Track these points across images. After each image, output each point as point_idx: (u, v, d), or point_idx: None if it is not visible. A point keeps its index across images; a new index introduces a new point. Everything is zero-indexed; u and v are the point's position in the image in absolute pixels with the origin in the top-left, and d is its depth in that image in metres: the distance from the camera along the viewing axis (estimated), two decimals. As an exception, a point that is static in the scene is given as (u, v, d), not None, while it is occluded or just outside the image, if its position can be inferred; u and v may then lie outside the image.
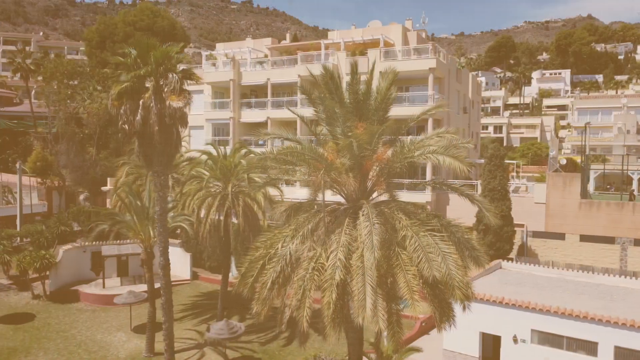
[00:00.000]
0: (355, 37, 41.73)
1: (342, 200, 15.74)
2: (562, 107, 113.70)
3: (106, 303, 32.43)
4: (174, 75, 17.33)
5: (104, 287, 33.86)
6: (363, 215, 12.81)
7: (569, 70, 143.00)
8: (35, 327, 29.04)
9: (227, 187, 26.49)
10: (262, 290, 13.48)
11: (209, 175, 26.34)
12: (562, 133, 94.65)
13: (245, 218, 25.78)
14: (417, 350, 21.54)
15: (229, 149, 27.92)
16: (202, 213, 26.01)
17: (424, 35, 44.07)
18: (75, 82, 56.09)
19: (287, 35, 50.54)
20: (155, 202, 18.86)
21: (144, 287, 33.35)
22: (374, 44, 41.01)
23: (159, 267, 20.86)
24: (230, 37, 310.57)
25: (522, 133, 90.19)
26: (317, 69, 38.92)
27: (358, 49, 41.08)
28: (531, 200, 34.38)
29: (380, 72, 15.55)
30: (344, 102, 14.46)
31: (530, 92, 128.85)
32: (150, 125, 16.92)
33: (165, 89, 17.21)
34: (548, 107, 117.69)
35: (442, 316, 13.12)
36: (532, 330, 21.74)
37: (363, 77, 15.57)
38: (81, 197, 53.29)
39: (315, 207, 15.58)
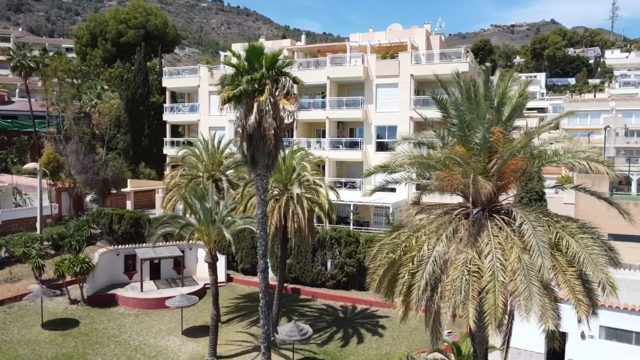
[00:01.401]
0: (381, 40, 42.22)
1: (460, 201, 16.25)
2: (542, 110, 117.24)
3: (147, 307, 31.96)
4: (287, 78, 17.38)
5: (141, 290, 33.29)
6: (520, 218, 13.27)
7: (544, 73, 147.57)
8: (83, 332, 28.38)
9: (285, 189, 26.58)
10: (413, 293, 13.72)
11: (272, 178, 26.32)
12: (545, 135, 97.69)
13: (309, 222, 25.92)
14: (495, 348, 22.15)
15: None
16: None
17: (442, 38, 44.96)
18: (78, 81, 54.70)
19: (303, 37, 50.57)
20: (257, 205, 18.81)
21: (181, 290, 33.12)
22: (399, 47, 41.63)
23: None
24: (202, 35, 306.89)
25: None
26: (345, 71, 39.16)
27: (382, 52, 41.55)
28: (560, 201, 35.63)
29: (501, 74, 15.85)
30: (480, 108, 14.83)
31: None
32: (264, 128, 16.92)
33: (277, 93, 17.23)
34: (528, 109, 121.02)
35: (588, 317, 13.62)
36: (600, 327, 22.65)
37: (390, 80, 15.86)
38: (87, 198, 52.07)
39: (442, 209, 15.97)
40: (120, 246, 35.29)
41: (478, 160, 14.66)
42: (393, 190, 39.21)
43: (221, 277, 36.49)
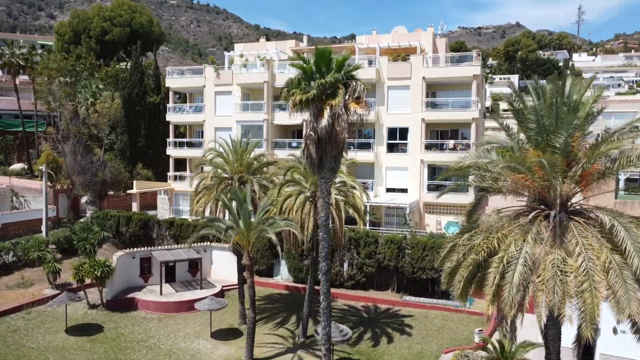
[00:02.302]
0: (388, 42, 42.69)
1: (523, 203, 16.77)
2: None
3: (169, 310, 31.54)
4: (357, 82, 17.53)
5: (161, 294, 32.80)
6: (609, 220, 13.84)
7: (517, 75, 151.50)
8: (110, 338, 27.80)
9: (315, 191, 26.70)
10: (505, 292, 14.09)
11: (305, 180, 26.42)
12: (521, 136, 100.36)
13: (341, 224, 26.10)
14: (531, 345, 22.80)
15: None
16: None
17: (446, 41, 45.80)
18: (71, 79, 53.20)
19: (305, 38, 50.63)
20: (321, 208, 18.88)
21: (199, 293, 32.83)
22: (407, 50, 42.23)
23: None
24: (171, 32, 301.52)
25: (489, 135, 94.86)
26: (358, 73, 39.40)
27: (391, 55, 42.00)
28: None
29: (573, 81, 16.36)
30: (561, 114, 15.33)
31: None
32: (336, 131, 17.02)
33: (347, 96, 17.35)
34: (504, 110, 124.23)
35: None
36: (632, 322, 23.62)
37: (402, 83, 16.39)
38: (83, 200, 50.80)
39: (512, 212, 16.42)
40: (135, 249, 34.63)
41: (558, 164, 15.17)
42: (405, 190, 39.82)
43: (236, 279, 36.29)
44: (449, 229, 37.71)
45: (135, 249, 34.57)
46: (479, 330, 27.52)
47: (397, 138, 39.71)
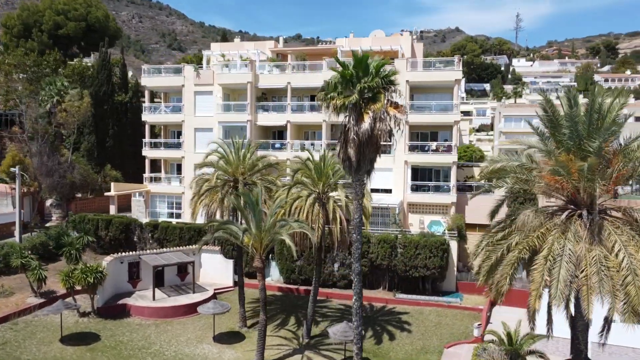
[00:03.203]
0: (367, 45, 43.49)
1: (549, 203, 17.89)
2: (467, 113, 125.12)
3: (164, 316, 30.87)
4: (396, 87, 17.98)
5: (153, 299, 31.98)
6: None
7: (464, 79, 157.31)
8: (110, 346, 26.89)
9: (323, 193, 27.08)
10: (552, 287, 15.01)
11: (310, 182, 26.68)
12: (472, 137, 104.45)
13: (342, 225, 26.58)
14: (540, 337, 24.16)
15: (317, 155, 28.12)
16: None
17: (422, 46, 47.22)
18: (30, 76, 50.51)
19: (281, 39, 50.51)
20: (355, 210, 19.21)
21: (192, 297, 32.34)
22: (388, 53, 43.27)
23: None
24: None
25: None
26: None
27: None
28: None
29: (598, 89, 17.57)
30: (594, 121, 16.45)
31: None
32: (377, 135, 17.41)
33: (386, 101, 17.78)
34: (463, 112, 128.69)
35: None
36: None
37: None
38: (48, 203, 48.46)
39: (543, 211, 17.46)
40: (123, 253, 33.53)
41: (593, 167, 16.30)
42: (389, 191, 40.72)
43: (229, 281, 35.99)
44: (431, 228, 38.96)
45: (124, 254, 33.48)
46: (478, 325, 28.76)
47: (382, 140, 40.49)
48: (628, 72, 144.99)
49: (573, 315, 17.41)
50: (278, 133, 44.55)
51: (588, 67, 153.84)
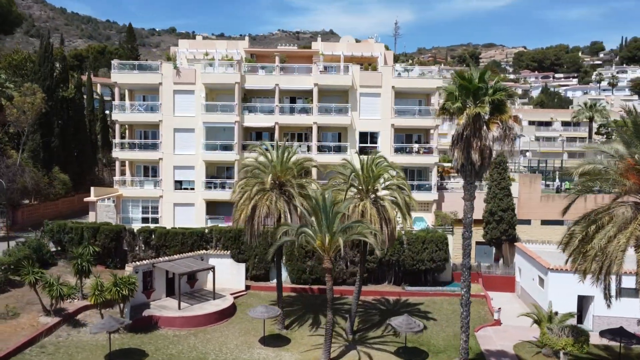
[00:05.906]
0: (343, 50, 45.32)
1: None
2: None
3: (197, 325, 29.81)
4: (514, 98, 19.90)
5: (179, 308, 30.55)
6: None
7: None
8: (165, 360, 25.45)
9: (366, 193, 28.50)
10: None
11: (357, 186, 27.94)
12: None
13: (391, 224, 28.26)
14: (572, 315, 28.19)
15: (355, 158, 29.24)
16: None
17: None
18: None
19: (246, 38, 49.73)
20: (468, 210, 20.86)
21: (214, 304, 31.59)
22: (365, 59, 45.61)
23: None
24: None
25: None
26: (336, 79, 40.99)
27: (349, 62, 44.51)
28: (507, 196, 43.84)
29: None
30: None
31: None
32: (501, 144, 19.28)
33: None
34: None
35: None
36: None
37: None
38: (-11, 210, 42.86)
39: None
40: (138, 262, 31.43)
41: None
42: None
43: (241, 285, 35.40)
44: (415, 224, 41.92)
45: (138, 263, 31.40)
46: (499, 309, 32.23)
47: (369, 142, 42.52)
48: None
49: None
50: (257, 134, 44.31)
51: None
